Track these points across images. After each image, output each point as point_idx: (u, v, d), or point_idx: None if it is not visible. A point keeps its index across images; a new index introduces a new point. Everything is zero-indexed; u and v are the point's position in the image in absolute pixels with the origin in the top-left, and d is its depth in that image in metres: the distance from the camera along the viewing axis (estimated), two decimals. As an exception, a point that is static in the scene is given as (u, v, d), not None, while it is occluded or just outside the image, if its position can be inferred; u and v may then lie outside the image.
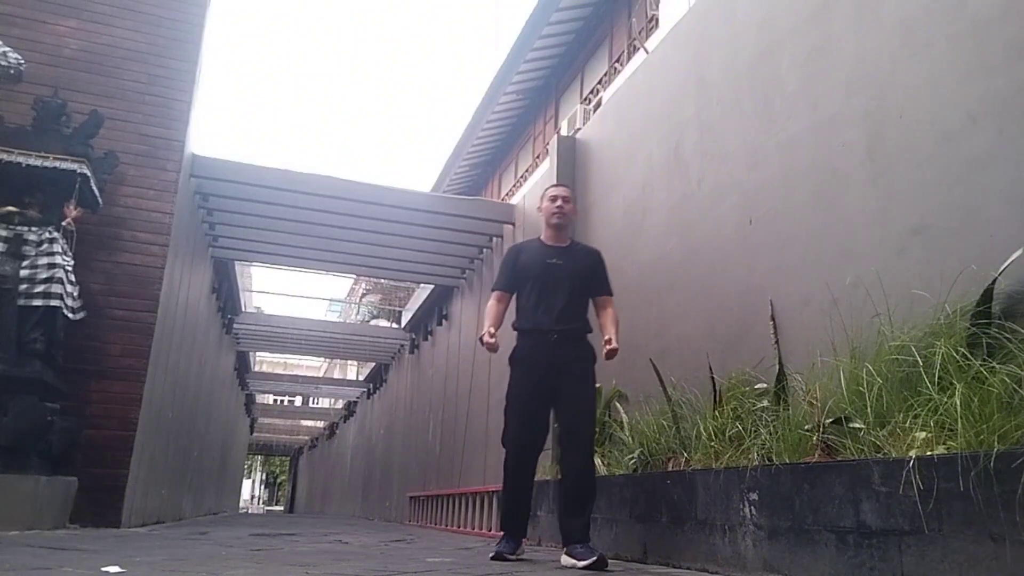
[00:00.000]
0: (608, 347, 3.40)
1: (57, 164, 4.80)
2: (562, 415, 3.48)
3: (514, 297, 3.72)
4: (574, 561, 3.06)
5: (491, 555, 3.33)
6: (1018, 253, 2.23)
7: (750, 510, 2.67)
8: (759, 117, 3.86)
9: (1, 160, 4.68)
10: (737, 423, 3.07)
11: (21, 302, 4.58)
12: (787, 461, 2.60)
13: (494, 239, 8.21)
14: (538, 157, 10.71)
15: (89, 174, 4.96)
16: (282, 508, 39.78)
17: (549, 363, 3.45)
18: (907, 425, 2.22)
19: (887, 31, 3.06)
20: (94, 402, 5.27)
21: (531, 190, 7.52)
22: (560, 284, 3.52)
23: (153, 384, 5.73)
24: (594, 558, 2.97)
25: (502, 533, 3.52)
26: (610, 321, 3.53)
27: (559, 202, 3.65)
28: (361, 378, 20.11)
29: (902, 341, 2.42)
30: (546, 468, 4.53)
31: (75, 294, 4.95)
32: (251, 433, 25.47)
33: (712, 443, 3.15)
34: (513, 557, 3.34)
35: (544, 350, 3.47)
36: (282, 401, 31.31)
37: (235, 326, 12.05)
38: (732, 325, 3.77)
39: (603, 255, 3.77)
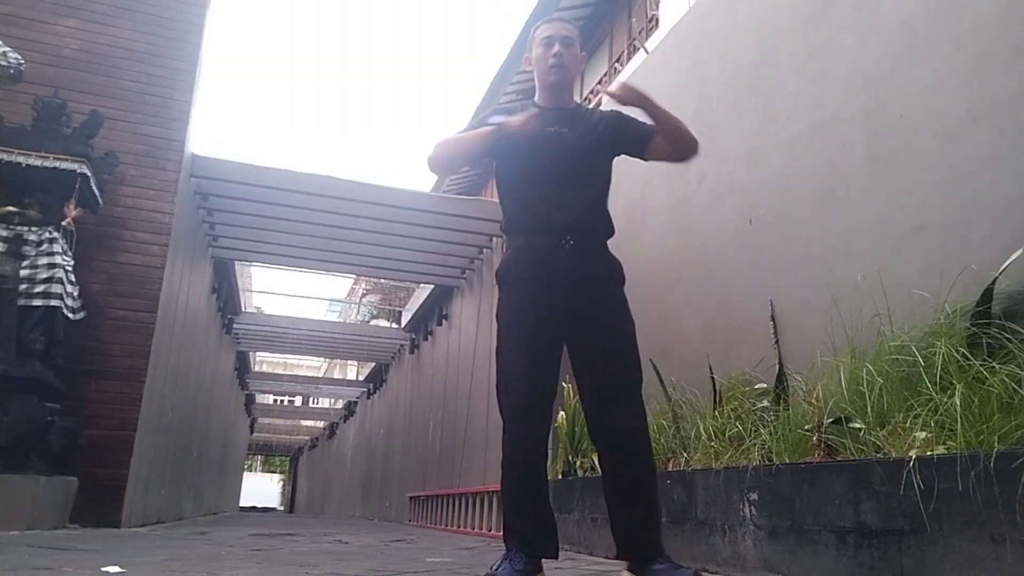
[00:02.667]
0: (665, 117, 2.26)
1: (57, 164, 4.80)
2: (589, 365, 2.23)
3: (496, 190, 2.47)
4: None
5: None
6: (1018, 253, 2.23)
7: (750, 510, 2.67)
8: (759, 117, 3.86)
9: (1, 160, 4.68)
10: (737, 423, 3.07)
11: (21, 302, 4.59)
12: (787, 461, 2.59)
13: (494, 239, 8.20)
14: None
15: (89, 174, 4.97)
16: (282, 508, 39.77)
17: (561, 283, 2.21)
18: (907, 425, 2.22)
19: (887, 31, 3.06)
20: (94, 402, 5.27)
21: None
22: (570, 161, 2.29)
23: (153, 384, 5.72)
24: None
25: (505, 545, 2.19)
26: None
27: (556, 46, 2.35)
28: (361, 378, 20.11)
29: (902, 341, 2.42)
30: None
31: (75, 294, 4.95)
32: (251, 433, 25.46)
33: (712, 443, 3.15)
34: None
35: (553, 262, 2.22)
36: (282, 401, 31.30)
37: (235, 326, 12.04)
38: (732, 325, 3.77)
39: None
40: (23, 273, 4.63)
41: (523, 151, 2.30)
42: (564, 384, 4.21)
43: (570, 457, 4.39)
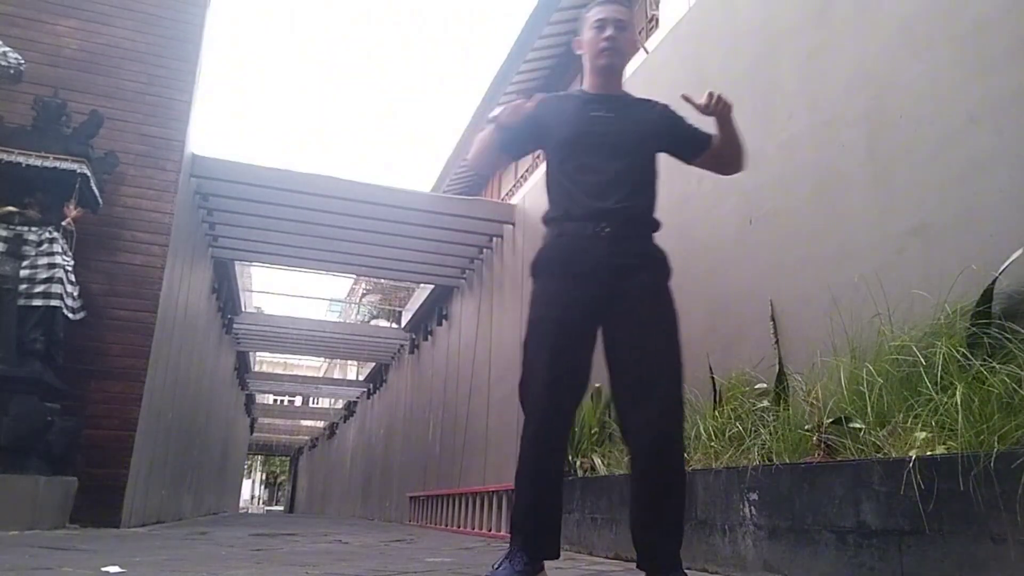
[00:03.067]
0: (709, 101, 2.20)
1: (57, 164, 4.81)
2: (627, 357, 2.06)
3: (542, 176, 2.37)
4: None
5: None
6: (1018, 253, 2.23)
7: (750, 510, 2.67)
8: (759, 117, 3.86)
9: (1, 160, 4.68)
10: (737, 423, 3.07)
11: (21, 302, 4.59)
12: (787, 461, 2.59)
13: (494, 239, 8.21)
14: (538, 157, 10.70)
15: (89, 174, 4.97)
16: (282, 508, 39.78)
17: (599, 272, 2.06)
18: (907, 425, 2.22)
19: (887, 31, 3.06)
20: (94, 402, 5.27)
21: (531, 190, 7.52)
22: (615, 145, 2.16)
23: (153, 384, 5.73)
24: None
25: (509, 543, 2.09)
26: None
27: (609, 29, 2.23)
28: (361, 378, 20.11)
29: (902, 341, 2.42)
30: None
31: (75, 294, 4.96)
32: (251, 433, 25.47)
33: (712, 443, 3.15)
34: None
35: (587, 251, 2.08)
36: (282, 401, 31.31)
37: (235, 326, 12.05)
38: (732, 325, 3.77)
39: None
40: (23, 273, 4.63)
41: (567, 136, 2.19)
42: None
43: (570, 457, 4.38)
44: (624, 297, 2.06)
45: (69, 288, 4.86)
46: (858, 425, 2.41)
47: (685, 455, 2.15)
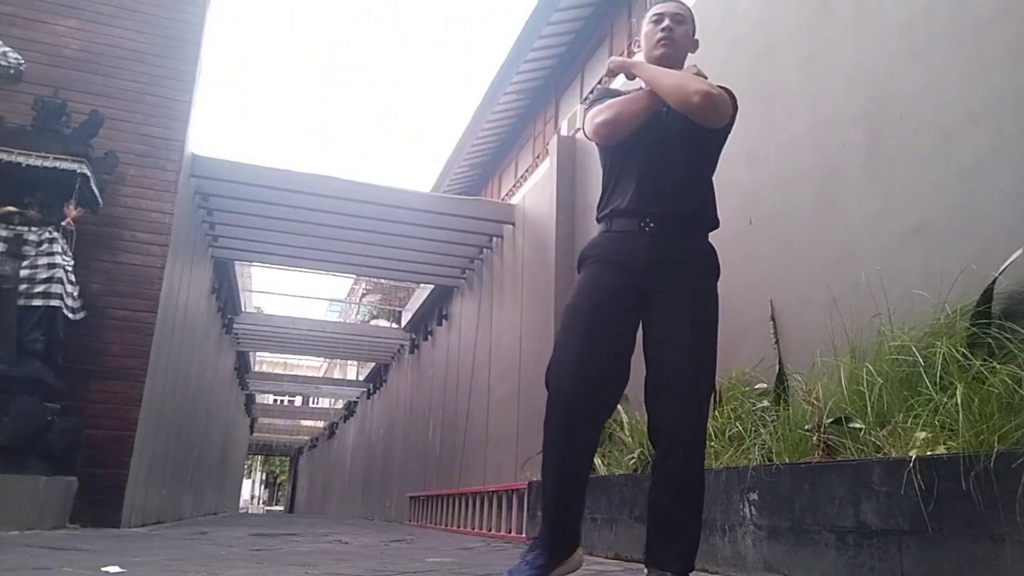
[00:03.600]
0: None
1: (57, 164, 4.80)
2: (659, 355, 2.04)
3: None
4: None
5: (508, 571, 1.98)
6: (1018, 253, 2.23)
7: (750, 510, 2.67)
8: (759, 117, 3.86)
9: (1, 160, 4.68)
10: (737, 423, 3.07)
11: (21, 302, 4.59)
12: (787, 461, 2.59)
13: (494, 239, 8.21)
14: (538, 157, 10.71)
15: (89, 174, 4.97)
16: (282, 508, 39.77)
17: (638, 266, 2.05)
18: (907, 425, 2.22)
19: (887, 31, 3.06)
20: (94, 402, 5.27)
21: (531, 190, 7.52)
22: (670, 139, 2.14)
23: (153, 384, 5.73)
24: None
25: (532, 540, 2.11)
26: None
27: (666, 21, 2.27)
28: (361, 378, 20.11)
29: (902, 341, 2.42)
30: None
31: (75, 294, 4.96)
32: (251, 433, 25.47)
33: (712, 443, 3.14)
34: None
35: (632, 244, 2.07)
36: (282, 401, 31.31)
37: (235, 326, 12.05)
38: (732, 325, 3.76)
39: None
40: (23, 273, 4.63)
41: (637, 130, 2.15)
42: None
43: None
44: (663, 294, 2.04)
45: (69, 288, 4.85)
46: (858, 425, 2.41)
47: (705, 460, 2.11)
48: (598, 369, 2.02)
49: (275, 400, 30.21)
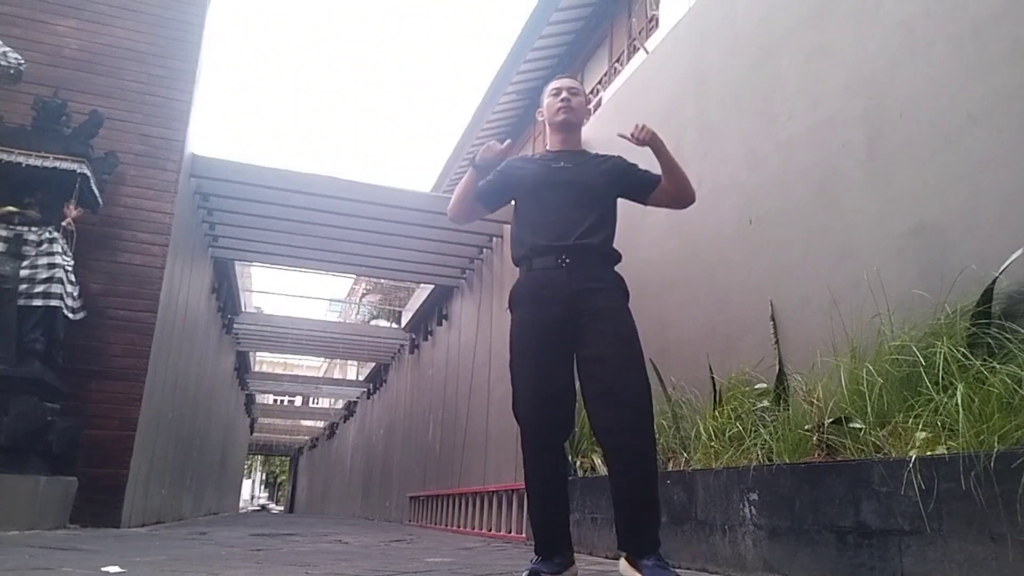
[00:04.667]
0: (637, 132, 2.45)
1: (57, 164, 4.80)
2: (592, 369, 2.33)
3: (507, 228, 2.74)
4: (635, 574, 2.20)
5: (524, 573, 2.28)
6: (1018, 253, 2.23)
7: (750, 510, 2.67)
8: (759, 117, 3.86)
9: (1, 160, 4.68)
10: (737, 423, 3.07)
11: (21, 302, 4.59)
12: (787, 461, 2.60)
13: (494, 239, 8.21)
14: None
15: (89, 174, 4.97)
16: (282, 508, 39.76)
17: (563, 298, 2.35)
18: (907, 425, 2.22)
19: (887, 31, 3.06)
20: (94, 402, 5.27)
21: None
22: (571, 192, 2.49)
23: (153, 384, 5.73)
24: None
25: (535, 551, 2.41)
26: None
27: (564, 94, 2.62)
28: (361, 378, 20.11)
29: (902, 341, 2.42)
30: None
31: (75, 294, 4.95)
32: (251, 433, 25.46)
33: (712, 443, 3.15)
34: None
35: (554, 280, 2.39)
36: (282, 401, 31.30)
37: (235, 326, 12.05)
38: (732, 325, 3.77)
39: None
40: (23, 273, 4.63)
41: (532, 186, 2.55)
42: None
43: (570, 457, 4.39)
44: (586, 317, 2.35)
45: (69, 288, 4.85)
46: (858, 425, 2.41)
47: (656, 448, 2.38)
48: (554, 398, 2.35)
49: (275, 400, 30.21)
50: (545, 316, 2.38)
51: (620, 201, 2.65)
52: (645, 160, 2.61)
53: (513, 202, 2.67)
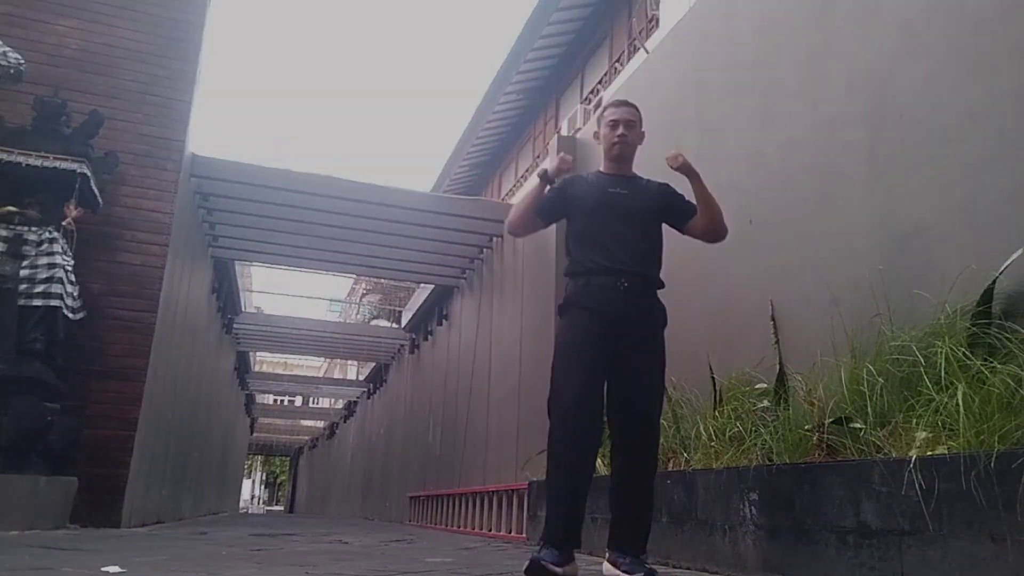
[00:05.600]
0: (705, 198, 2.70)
1: (57, 164, 4.80)
2: (621, 382, 2.60)
3: (564, 240, 2.89)
4: (617, 572, 2.45)
5: (526, 565, 2.36)
6: (1018, 253, 2.23)
7: (750, 510, 2.67)
8: (759, 117, 3.86)
9: (1, 160, 4.68)
10: (737, 423, 3.06)
11: (21, 302, 4.58)
12: (787, 461, 2.59)
13: (494, 239, 8.20)
14: (538, 157, 10.71)
15: (89, 174, 4.97)
16: (282, 508, 39.76)
17: (615, 316, 2.59)
18: (908, 425, 2.22)
19: (887, 31, 3.06)
20: (94, 402, 5.27)
21: (531, 190, 7.50)
22: (629, 216, 2.71)
23: (153, 384, 5.72)
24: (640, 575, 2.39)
25: (543, 540, 2.52)
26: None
27: (620, 129, 2.80)
28: (361, 378, 20.11)
29: (902, 341, 2.42)
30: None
31: (75, 294, 4.95)
32: (251, 433, 25.46)
33: (712, 443, 3.14)
34: (559, 570, 2.34)
35: (610, 297, 2.61)
36: (282, 401, 31.30)
37: (235, 326, 12.05)
38: (732, 325, 3.77)
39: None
40: (23, 273, 4.63)
41: (590, 207, 2.74)
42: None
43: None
44: (628, 340, 2.58)
45: (69, 288, 4.85)
46: (858, 425, 2.41)
47: (658, 457, 2.69)
48: (592, 396, 2.55)
49: (275, 400, 30.20)
50: (595, 326, 2.60)
51: None
52: (686, 186, 2.77)
53: (566, 219, 2.84)
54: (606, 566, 2.52)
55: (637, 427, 2.58)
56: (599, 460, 4.07)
